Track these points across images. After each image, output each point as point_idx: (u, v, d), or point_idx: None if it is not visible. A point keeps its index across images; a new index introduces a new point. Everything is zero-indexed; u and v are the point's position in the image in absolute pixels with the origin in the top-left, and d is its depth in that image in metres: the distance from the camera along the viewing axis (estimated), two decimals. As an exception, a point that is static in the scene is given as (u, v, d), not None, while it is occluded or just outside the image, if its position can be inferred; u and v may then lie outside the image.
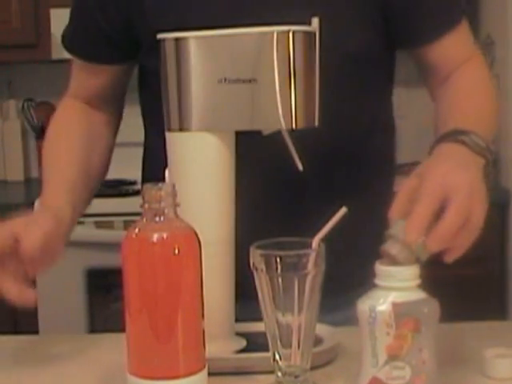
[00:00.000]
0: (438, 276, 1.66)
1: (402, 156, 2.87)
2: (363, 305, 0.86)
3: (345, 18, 1.14)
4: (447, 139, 1.01)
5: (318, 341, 1.00)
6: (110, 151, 1.33)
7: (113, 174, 1.51)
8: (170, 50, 1.01)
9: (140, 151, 1.36)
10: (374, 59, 1.20)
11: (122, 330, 0.87)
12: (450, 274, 2.40)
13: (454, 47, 1.21)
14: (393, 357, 0.85)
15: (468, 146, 0.98)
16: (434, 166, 0.94)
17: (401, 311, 0.84)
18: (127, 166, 1.31)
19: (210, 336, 0.88)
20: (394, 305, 0.84)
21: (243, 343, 1.05)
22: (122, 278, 0.85)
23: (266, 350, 0.91)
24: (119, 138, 1.34)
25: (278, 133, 0.99)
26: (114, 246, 1.08)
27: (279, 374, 0.91)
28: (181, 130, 1.02)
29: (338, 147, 1.19)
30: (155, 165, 1.11)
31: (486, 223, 0.89)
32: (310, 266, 0.87)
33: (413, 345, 0.85)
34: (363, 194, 1.22)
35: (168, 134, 1.04)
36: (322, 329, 1.02)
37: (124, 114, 1.34)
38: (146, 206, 0.84)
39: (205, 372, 0.87)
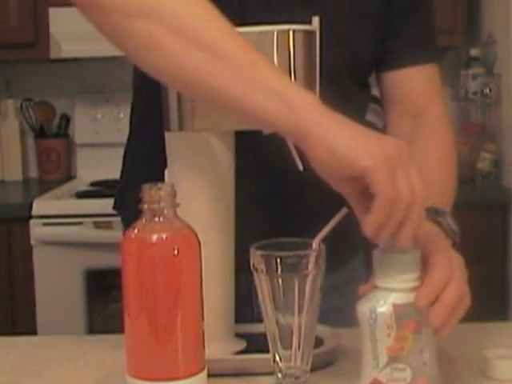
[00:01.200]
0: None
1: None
2: (364, 306, 0.86)
3: (345, 21, 1.13)
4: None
5: (318, 342, 1.00)
6: None
7: (112, 174, 1.51)
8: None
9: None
10: (364, 65, 1.20)
11: (121, 331, 0.87)
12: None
13: (421, 83, 1.21)
14: (393, 358, 0.85)
15: (443, 229, 0.99)
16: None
17: (401, 312, 0.84)
18: (126, 166, 1.31)
19: (209, 337, 0.88)
20: (395, 306, 0.84)
21: (243, 344, 1.05)
22: (121, 278, 0.85)
23: (266, 351, 0.91)
24: (119, 138, 1.33)
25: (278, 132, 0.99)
26: (113, 247, 1.08)
27: (279, 375, 0.90)
28: (181, 129, 1.01)
29: None
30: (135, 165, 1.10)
31: (487, 223, 0.88)
32: (311, 266, 0.87)
33: (413, 346, 0.84)
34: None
35: (168, 134, 1.04)
36: (322, 330, 1.02)
37: (123, 115, 1.34)
38: (146, 206, 0.84)
39: (204, 373, 0.86)
